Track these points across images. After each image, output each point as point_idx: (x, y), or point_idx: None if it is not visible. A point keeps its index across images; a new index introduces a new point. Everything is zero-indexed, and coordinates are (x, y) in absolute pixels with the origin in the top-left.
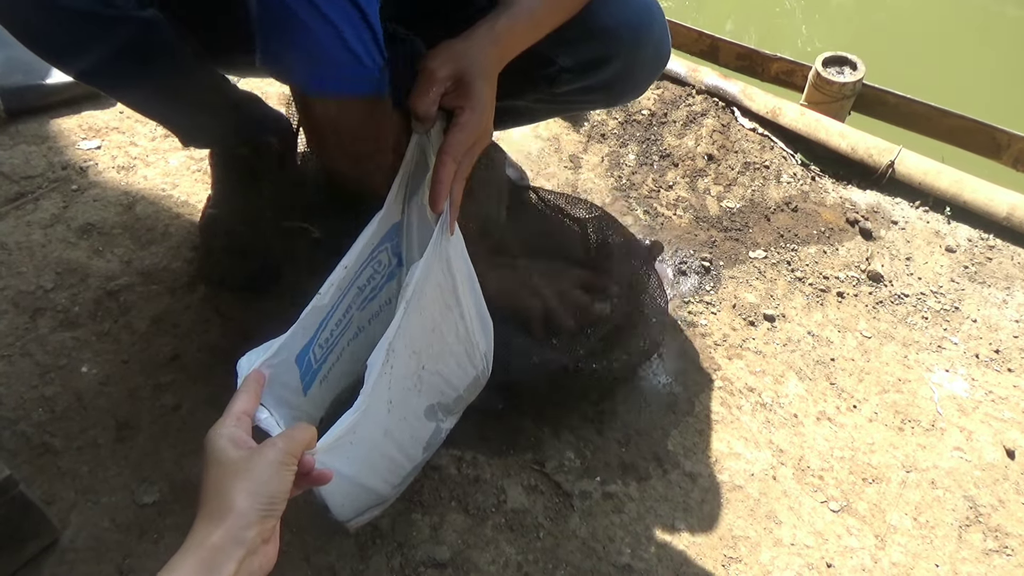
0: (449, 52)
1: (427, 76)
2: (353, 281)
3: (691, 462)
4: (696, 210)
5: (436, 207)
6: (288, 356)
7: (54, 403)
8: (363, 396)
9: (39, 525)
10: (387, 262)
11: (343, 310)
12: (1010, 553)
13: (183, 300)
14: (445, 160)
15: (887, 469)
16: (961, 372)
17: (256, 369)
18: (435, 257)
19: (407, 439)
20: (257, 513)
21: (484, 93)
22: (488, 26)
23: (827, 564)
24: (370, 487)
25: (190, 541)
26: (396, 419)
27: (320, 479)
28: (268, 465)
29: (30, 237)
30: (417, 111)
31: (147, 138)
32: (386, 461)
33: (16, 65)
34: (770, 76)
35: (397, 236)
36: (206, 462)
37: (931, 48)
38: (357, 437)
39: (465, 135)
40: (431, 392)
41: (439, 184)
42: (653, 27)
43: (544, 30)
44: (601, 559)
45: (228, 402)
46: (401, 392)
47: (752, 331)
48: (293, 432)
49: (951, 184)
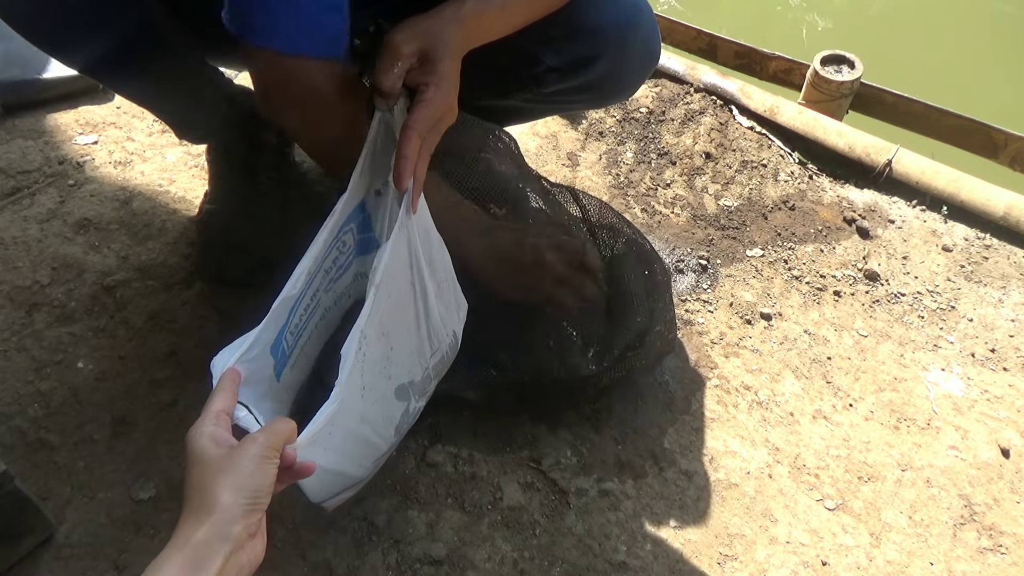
0: (415, 29)
1: (392, 51)
2: (320, 265)
3: (687, 460)
4: (694, 208)
5: (400, 184)
6: (263, 349)
7: (50, 398)
8: (339, 387)
9: (34, 521)
10: (351, 243)
11: (311, 294)
12: (1004, 552)
13: (180, 296)
14: (410, 135)
15: (883, 467)
16: (957, 371)
17: (232, 367)
18: (400, 237)
19: (380, 421)
20: (242, 508)
21: (449, 70)
22: (455, 7)
23: (822, 562)
24: (346, 472)
25: (175, 540)
26: (369, 403)
27: (303, 472)
28: (250, 460)
29: (26, 232)
30: (382, 86)
31: (144, 133)
32: (361, 445)
33: (13, 59)
34: (768, 75)
35: (361, 215)
36: (188, 462)
37: (929, 47)
38: (335, 426)
39: (430, 111)
40: (400, 372)
41: (403, 160)
42: (641, 25)
43: (516, 20)
44: (597, 556)
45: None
46: (373, 376)
47: (749, 329)
48: (273, 426)
49: (948, 183)
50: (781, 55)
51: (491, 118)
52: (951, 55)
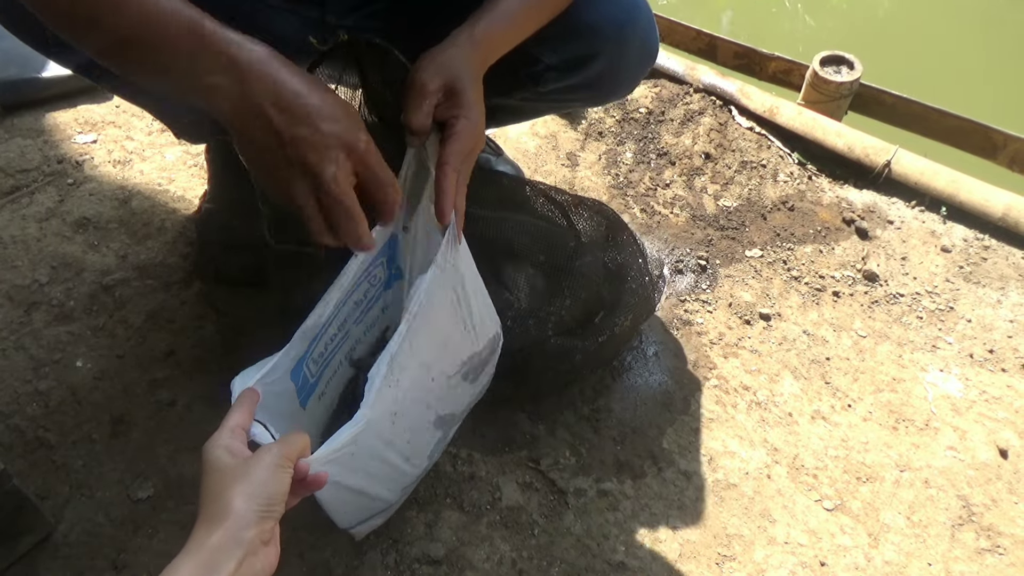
0: (435, 63)
1: (419, 90)
2: (349, 296)
3: (686, 460)
4: (693, 208)
5: (444, 218)
6: (283, 374)
7: (48, 397)
8: (363, 409)
9: (33, 520)
10: (382, 276)
11: (338, 325)
12: (1002, 552)
13: (178, 295)
14: (447, 171)
15: (881, 468)
16: (955, 372)
17: (251, 387)
18: (444, 267)
19: (413, 448)
20: (255, 514)
21: (474, 99)
22: (468, 32)
23: (821, 562)
24: (373, 495)
25: (189, 544)
26: (400, 429)
27: (315, 483)
28: (264, 468)
29: (25, 231)
30: (412, 126)
31: (143, 132)
32: (389, 469)
33: (11, 58)
34: (768, 75)
35: (392, 248)
36: (204, 471)
37: (928, 48)
38: (358, 448)
39: (463, 143)
40: (443, 404)
41: (444, 195)
42: (638, 23)
43: (525, 31)
44: (595, 556)
45: (225, 403)
46: (409, 404)
47: (748, 330)
48: (288, 437)
49: (947, 184)
50: (780, 56)
51: (490, 118)
52: (950, 56)
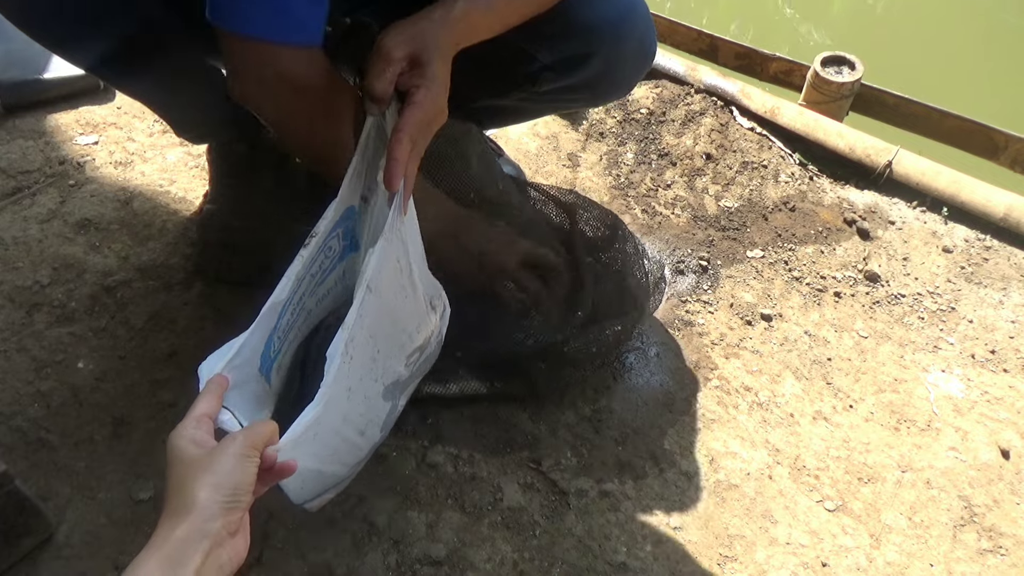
0: (404, 33)
1: (383, 56)
2: (308, 270)
3: (687, 461)
4: (694, 209)
5: (391, 185)
6: (252, 355)
7: (50, 398)
8: (324, 388)
9: (34, 521)
10: (337, 247)
11: (298, 298)
12: (1004, 553)
13: (180, 296)
14: (400, 138)
15: (882, 469)
16: (957, 372)
17: (219, 373)
18: (392, 239)
19: (366, 421)
20: (220, 505)
21: (439, 73)
22: (445, 10)
23: (822, 563)
24: (329, 472)
25: (154, 539)
26: (355, 403)
27: (284, 471)
28: (229, 457)
29: (27, 232)
30: (373, 91)
31: (145, 134)
32: (346, 445)
33: (13, 59)
34: (769, 75)
35: (350, 219)
36: (168, 463)
37: (930, 49)
38: (320, 427)
39: (421, 113)
40: (388, 373)
41: (394, 162)
42: (635, 22)
43: (505, 21)
44: (597, 557)
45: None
46: (359, 377)
47: (749, 330)
48: (254, 426)
49: (949, 185)
50: (781, 56)
51: (489, 118)
52: (951, 56)
